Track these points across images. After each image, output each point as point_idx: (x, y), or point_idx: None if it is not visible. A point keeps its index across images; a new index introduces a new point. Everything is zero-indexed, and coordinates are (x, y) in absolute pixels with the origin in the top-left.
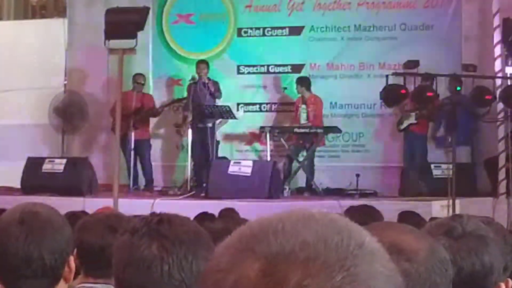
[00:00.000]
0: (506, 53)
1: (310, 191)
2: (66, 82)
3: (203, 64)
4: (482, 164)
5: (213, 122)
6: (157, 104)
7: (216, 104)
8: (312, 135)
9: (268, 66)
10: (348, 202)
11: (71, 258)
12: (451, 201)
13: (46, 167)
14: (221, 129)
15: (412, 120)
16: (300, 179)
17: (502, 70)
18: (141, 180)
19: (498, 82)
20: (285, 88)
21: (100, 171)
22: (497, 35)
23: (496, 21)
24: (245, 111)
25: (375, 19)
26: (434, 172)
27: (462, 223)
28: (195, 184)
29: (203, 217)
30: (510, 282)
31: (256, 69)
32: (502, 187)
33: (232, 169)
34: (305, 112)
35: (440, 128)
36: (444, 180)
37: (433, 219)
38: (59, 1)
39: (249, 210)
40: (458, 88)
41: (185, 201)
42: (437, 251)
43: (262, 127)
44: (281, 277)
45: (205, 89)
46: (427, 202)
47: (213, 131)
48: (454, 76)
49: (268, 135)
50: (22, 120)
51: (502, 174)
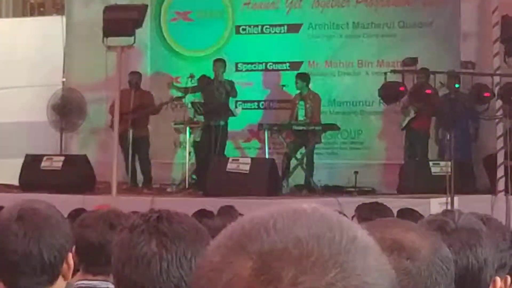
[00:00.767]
0: (505, 50)
1: (309, 189)
2: (65, 80)
3: (221, 63)
4: (481, 162)
5: (226, 120)
6: (156, 102)
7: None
8: (311, 133)
9: (266, 64)
10: (347, 200)
11: (70, 255)
12: (450, 199)
13: (45, 165)
14: None
15: (412, 115)
16: (299, 177)
17: (501, 67)
18: (140, 178)
19: (497, 80)
20: (284, 86)
21: (99, 169)
22: (496, 33)
23: (495, 19)
24: (243, 109)
25: (374, 17)
26: (433, 170)
27: (454, 218)
28: (197, 182)
29: (202, 214)
30: (509, 279)
31: (254, 67)
32: (501, 184)
33: (231, 166)
34: (303, 109)
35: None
36: (443, 178)
37: None
38: None
39: (248, 208)
40: (457, 86)
41: (184, 199)
42: (440, 250)
43: (261, 125)
44: (275, 275)
45: (222, 88)
46: (426, 200)
47: (226, 129)
48: (453, 74)
49: (267, 133)
50: (21, 118)
51: (501, 172)
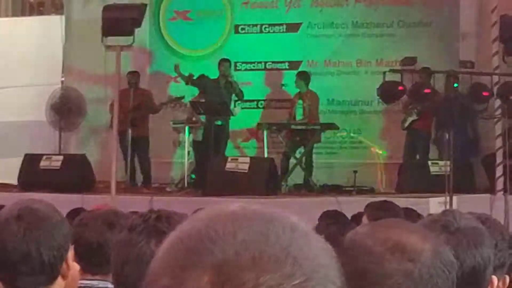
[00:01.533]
0: (504, 50)
1: (308, 188)
2: (64, 79)
3: (227, 63)
4: (480, 161)
5: (227, 120)
6: (155, 101)
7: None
8: (310, 132)
9: (266, 63)
10: (345, 199)
11: (69, 255)
12: (449, 198)
13: (44, 164)
14: None
15: (414, 117)
16: (298, 176)
17: (500, 67)
18: (139, 177)
19: (496, 79)
20: (283, 85)
21: (98, 168)
22: (495, 32)
23: (494, 18)
24: (242, 108)
25: (373, 16)
26: (432, 169)
27: (456, 218)
28: (196, 181)
29: None
30: (508, 279)
31: (253, 66)
32: (500, 184)
33: (230, 166)
34: (301, 108)
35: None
36: (442, 177)
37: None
38: None
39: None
40: (456, 85)
41: (183, 198)
42: (442, 253)
43: (260, 124)
44: (236, 282)
45: (231, 88)
46: (425, 199)
47: (228, 129)
48: (452, 73)
49: (266, 132)
50: (20, 117)
51: (500, 171)
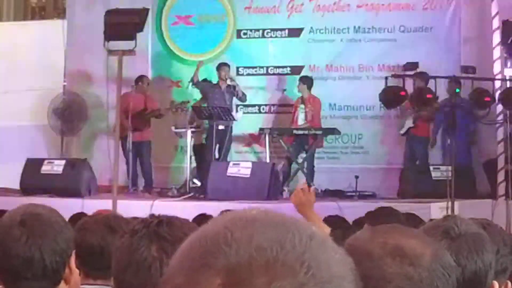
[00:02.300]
0: (505, 55)
1: None
2: (66, 84)
3: (226, 67)
4: (481, 166)
5: (230, 125)
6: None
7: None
8: (311, 137)
9: (267, 68)
10: (347, 204)
11: (72, 260)
12: (450, 203)
13: (45, 169)
14: None
15: (410, 124)
16: (299, 181)
17: (501, 72)
18: (141, 182)
19: (497, 84)
20: (285, 90)
21: (100, 173)
22: (496, 37)
23: (495, 23)
24: (244, 113)
25: (375, 21)
26: (433, 174)
27: (457, 223)
28: (198, 186)
29: (202, 219)
30: (509, 284)
31: (255, 71)
32: (501, 189)
33: (231, 171)
34: (303, 112)
35: (439, 130)
36: (443, 182)
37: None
38: (59, 3)
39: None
40: (457, 90)
41: (184, 203)
42: (442, 257)
43: (261, 129)
44: (248, 286)
45: (234, 92)
46: (426, 204)
47: (231, 133)
48: (453, 78)
49: (267, 137)
50: (21, 121)
51: (501, 176)
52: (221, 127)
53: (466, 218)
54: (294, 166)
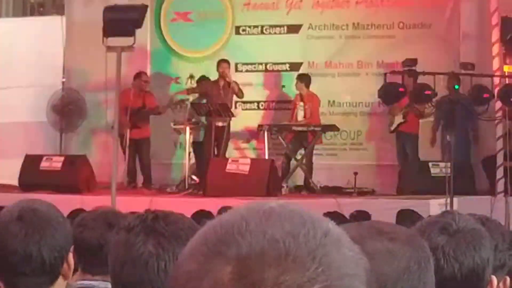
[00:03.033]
0: (504, 52)
1: (308, 189)
2: (64, 80)
3: (225, 63)
4: (480, 163)
5: (228, 121)
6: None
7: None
8: (310, 133)
9: (266, 64)
10: (346, 200)
11: (70, 255)
12: (449, 200)
13: (44, 165)
14: None
15: (400, 119)
16: (298, 177)
17: (500, 69)
18: (139, 178)
19: (496, 81)
20: (284, 86)
21: (98, 169)
22: (495, 34)
23: (494, 20)
24: (243, 109)
25: (374, 18)
26: (432, 171)
27: (455, 219)
28: (196, 182)
29: (201, 215)
30: (508, 280)
31: (254, 67)
32: (500, 186)
33: (230, 167)
34: (302, 110)
35: (439, 127)
36: (442, 179)
37: None
38: None
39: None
40: (456, 87)
41: (183, 199)
42: (416, 236)
43: (260, 125)
44: (256, 277)
45: (229, 88)
46: (425, 201)
47: (229, 130)
48: (452, 75)
49: (266, 133)
50: (20, 118)
51: (500, 173)
52: (220, 124)
53: (464, 214)
54: (293, 163)
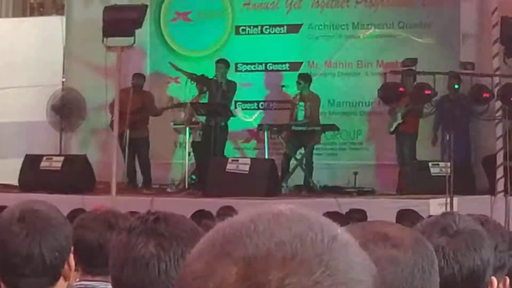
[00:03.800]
0: (504, 51)
1: (308, 189)
2: (64, 80)
3: (221, 63)
4: (480, 162)
5: (226, 121)
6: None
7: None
8: (310, 133)
9: (266, 64)
10: (346, 200)
11: (71, 256)
12: (449, 199)
13: (44, 165)
14: None
15: (399, 120)
16: (298, 177)
17: (500, 68)
18: (139, 178)
19: (496, 80)
20: (284, 86)
21: (98, 169)
22: (495, 33)
23: (494, 19)
24: (243, 109)
25: (373, 17)
26: (432, 170)
27: (455, 220)
28: (196, 182)
29: (201, 215)
30: (508, 280)
31: (254, 67)
32: (500, 185)
33: (230, 167)
34: (302, 110)
35: (439, 126)
36: (442, 178)
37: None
38: None
39: (247, 208)
40: (456, 86)
41: (183, 199)
42: (422, 240)
43: (260, 125)
44: (262, 279)
45: (220, 89)
46: (425, 200)
47: (226, 130)
48: (452, 74)
49: (266, 133)
50: (20, 118)
51: (500, 172)
52: (220, 123)
53: (464, 215)
54: (293, 163)
